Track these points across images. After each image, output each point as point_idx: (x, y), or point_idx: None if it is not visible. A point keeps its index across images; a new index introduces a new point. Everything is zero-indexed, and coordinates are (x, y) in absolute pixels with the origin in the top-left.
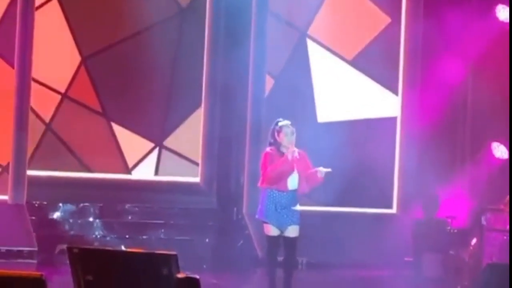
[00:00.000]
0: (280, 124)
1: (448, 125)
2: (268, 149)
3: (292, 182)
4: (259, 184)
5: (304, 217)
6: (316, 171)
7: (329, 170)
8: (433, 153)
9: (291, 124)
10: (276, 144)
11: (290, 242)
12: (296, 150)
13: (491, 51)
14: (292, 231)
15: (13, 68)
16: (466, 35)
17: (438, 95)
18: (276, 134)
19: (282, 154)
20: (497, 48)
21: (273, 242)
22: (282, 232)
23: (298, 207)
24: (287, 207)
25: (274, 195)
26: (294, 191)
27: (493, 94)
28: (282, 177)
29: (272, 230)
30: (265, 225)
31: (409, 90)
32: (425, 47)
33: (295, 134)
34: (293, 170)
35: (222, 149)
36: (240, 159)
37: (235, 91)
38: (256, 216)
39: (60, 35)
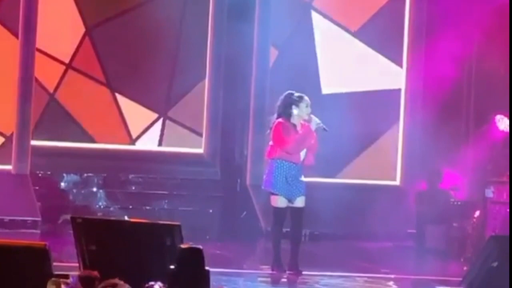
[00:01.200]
0: (297, 94)
1: (452, 97)
2: (280, 119)
3: (302, 154)
4: (267, 155)
5: (307, 188)
6: (308, 125)
7: (318, 121)
8: (437, 125)
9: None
10: (287, 115)
11: (298, 213)
12: (319, 122)
13: (496, 23)
14: (300, 202)
15: (17, 38)
16: (472, 7)
17: (443, 68)
18: (294, 104)
19: (294, 126)
20: (502, 21)
21: (281, 214)
22: (290, 203)
23: (303, 178)
24: (296, 178)
25: (285, 166)
26: (302, 162)
27: (498, 67)
28: (303, 148)
29: (280, 202)
30: (272, 196)
31: (413, 62)
32: (430, 20)
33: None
34: (312, 142)
35: (226, 121)
36: (244, 131)
37: (240, 63)
38: (263, 187)
39: (65, 5)
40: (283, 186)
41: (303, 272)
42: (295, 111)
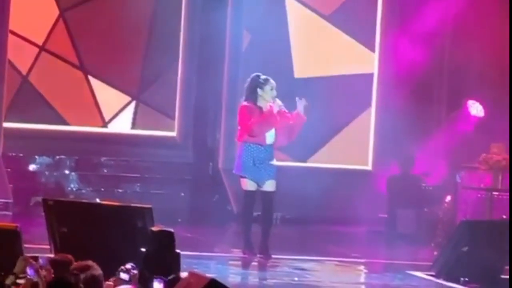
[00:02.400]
0: (263, 77)
1: (425, 82)
2: (245, 102)
3: (270, 136)
4: (237, 139)
5: (279, 172)
6: (297, 113)
7: (301, 100)
8: (409, 110)
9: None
10: (253, 97)
11: (267, 196)
12: (281, 104)
13: (471, 8)
14: (270, 185)
15: None
16: None
17: (415, 52)
18: (258, 87)
19: (260, 108)
20: (476, 4)
21: (250, 197)
22: (259, 186)
23: (275, 162)
24: (264, 161)
25: (252, 149)
26: (271, 145)
27: (470, 52)
28: (266, 130)
29: (249, 185)
30: (242, 179)
31: (386, 46)
32: (403, 4)
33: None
34: (276, 124)
35: (198, 104)
36: (216, 114)
37: (213, 46)
38: (233, 171)
39: None
40: (250, 169)
41: (274, 256)
42: (260, 93)
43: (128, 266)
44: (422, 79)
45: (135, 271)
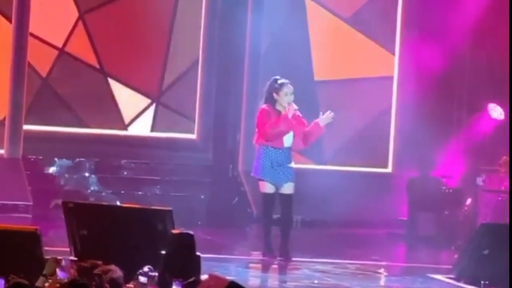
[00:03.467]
0: (279, 82)
1: (445, 85)
2: (264, 106)
3: (288, 139)
4: (254, 141)
5: (299, 175)
6: (317, 123)
7: (330, 114)
8: (429, 112)
9: (290, 84)
10: (272, 101)
11: (286, 199)
12: (296, 108)
13: (491, 11)
14: (288, 188)
15: (10, 23)
16: None
17: (435, 55)
18: (274, 91)
19: (279, 112)
20: (497, 8)
21: (269, 200)
22: (277, 189)
23: (293, 165)
24: (282, 164)
25: (270, 152)
26: (289, 148)
27: (491, 54)
28: (281, 135)
29: (267, 187)
30: (260, 182)
31: (406, 49)
32: (423, 6)
33: (293, 92)
34: (292, 128)
35: (218, 106)
36: (236, 116)
37: (233, 48)
38: (252, 174)
39: None
40: (268, 171)
41: (294, 259)
42: (276, 98)
43: (146, 269)
44: (442, 81)
45: (153, 274)
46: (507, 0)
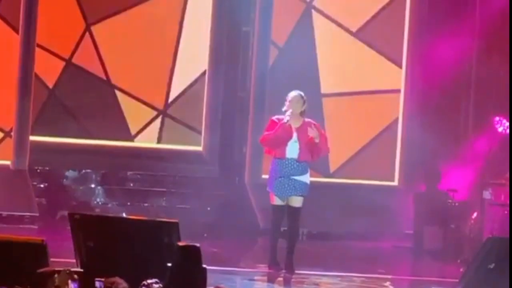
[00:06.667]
0: (289, 93)
1: (451, 99)
2: (275, 116)
3: (291, 150)
4: (264, 151)
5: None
6: (312, 138)
7: (313, 130)
8: (436, 126)
9: (302, 95)
10: (284, 112)
11: (293, 212)
12: (290, 113)
13: (497, 24)
14: (295, 201)
15: (17, 34)
16: (472, 8)
17: (442, 69)
18: (285, 102)
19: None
20: (503, 22)
21: (276, 212)
22: (283, 201)
23: (304, 178)
24: (286, 176)
25: (276, 164)
26: (294, 160)
27: (497, 68)
28: (278, 142)
29: (275, 199)
30: (270, 194)
31: (413, 63)
32: (430, 20)
33: (303, 104)
34: (290, 136)
35: (225, 119)
36: (243, 129)
37: (239, 61)
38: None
39: (65, 1)
40: (273, 183)
41: (299, 271)
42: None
43: (150, 280)
44: (449, 95)
45: (157, 286)
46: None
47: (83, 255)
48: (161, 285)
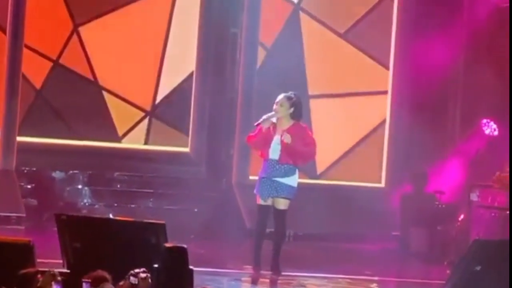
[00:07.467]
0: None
1: (438, 101)
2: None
3: (274, 151)
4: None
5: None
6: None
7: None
8: (423, 128)
9: (289, 97)
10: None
11: (277, 214)
12: (268, 116)
13: (484, 27)
14: (278, 203)
15: (5, 34)
16: (460, 10)
17: (430, 70)
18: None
19: (273, 123)
20: (491, 23)
21: (260, 212)
22: (265, 201)
23: (287, 180)
24: (268, 177)
25: (263, 165)
26: (276, 161)
27: (485, 70)
28: (258, 144)
29: (258, 199)
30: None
31: (400, 64)
32: (418, 22)
33: (289, 106)
34: (269, 139)
35: (212, 120)
36: (230, 130)
37: (227, 62)
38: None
39: (53, 2)
40: (257, 183)
41: (286, 273)
42: None
43: (138, 270)
44: (436, 97)
45: (144, 275)
46: (501, 16)
47: (69, 256)
48: (148, 274)
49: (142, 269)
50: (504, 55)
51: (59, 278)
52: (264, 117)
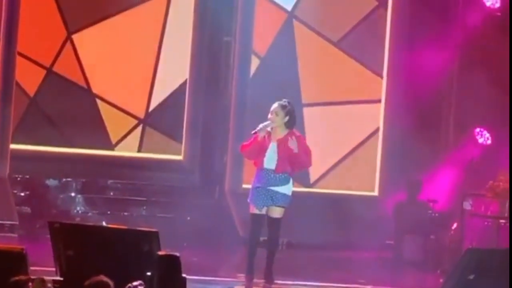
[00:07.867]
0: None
1: (432, 109)
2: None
3: (269, 161)
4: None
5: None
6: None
7: (293, 140)
8: (417, 136)
9: (284, 105)
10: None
11: (271, 223)
12: (264, 125)
13: (477, 36)
14: (273, 212)
15: None
16: (454, 18)
17: (423, 79)
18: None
19: (268, 132)
20: (484, 31)
21: (253, 220)
22: (260, 210)
23: (282, 189)
24: (263, 186)
25: (256, 172)
26: (272, 170)
27: (478, 79)
28: (252, 153)
29: (252, 208)
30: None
31: (394, 73)
32: (411, 30)
33: (284, 115)
34: (264, 148)
35: (206, 128)
36: (224, 138)
37: (221, 71)
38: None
39: (47, 9)
40: (251, 192)
41: (278, 281)
42: None
43: (135, 283)
44: (429, 105)
45: None
46: (495, 24)
47: (63, 264)
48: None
49: (139, 282)
50: (497, 64)
51: (49, 285)
52: (260, 126)
